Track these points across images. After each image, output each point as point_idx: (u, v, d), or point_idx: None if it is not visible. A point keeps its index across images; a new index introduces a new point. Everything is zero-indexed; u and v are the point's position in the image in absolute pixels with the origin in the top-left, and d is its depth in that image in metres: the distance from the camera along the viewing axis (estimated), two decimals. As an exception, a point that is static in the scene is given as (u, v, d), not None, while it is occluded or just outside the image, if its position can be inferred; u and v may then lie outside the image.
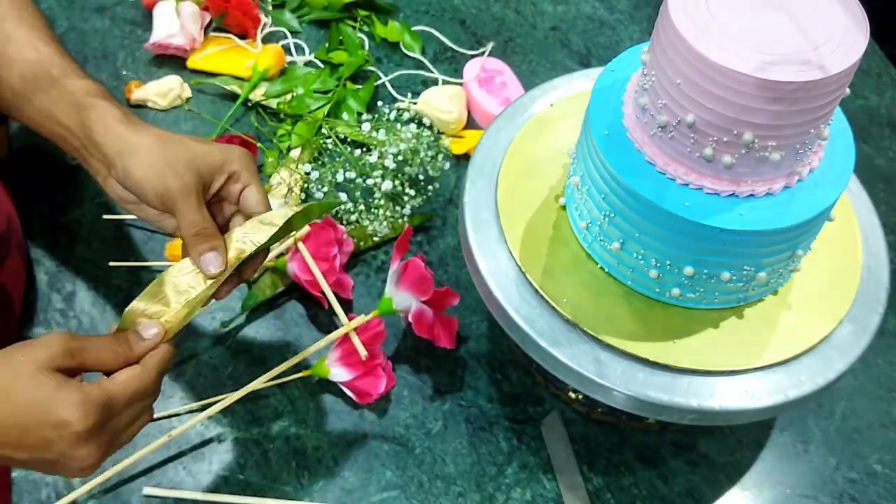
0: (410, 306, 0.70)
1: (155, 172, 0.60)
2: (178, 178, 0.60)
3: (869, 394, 0.77)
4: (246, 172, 0.63)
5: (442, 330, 0.72)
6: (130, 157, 0.61)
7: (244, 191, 0.63)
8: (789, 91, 0.50)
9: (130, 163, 0.61)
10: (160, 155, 0.61)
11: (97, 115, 0.63)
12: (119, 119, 0.63)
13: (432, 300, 0.70)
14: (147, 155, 0.60)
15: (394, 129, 0.85)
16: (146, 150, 0.61)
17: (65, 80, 0.65)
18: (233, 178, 0.63)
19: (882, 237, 0.67)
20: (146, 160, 0.60)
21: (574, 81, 0.75)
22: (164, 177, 0.60)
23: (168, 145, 0.61)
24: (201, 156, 0.62)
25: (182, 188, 0.60)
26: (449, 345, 0.72)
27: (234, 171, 0.63)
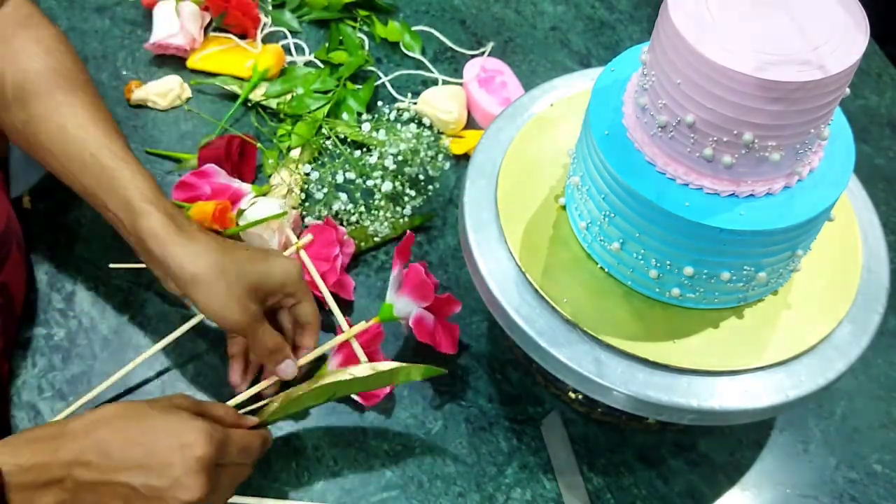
0: (411, 312, 0.70)
1: (222, 307, 0.64)
2: (244, 313, 0.64)
3: (869, 394, 0.77)
4: (301, 291, 0.69)
5: (443, 336, 0.72)
6: (193, 288, 0.64)
7: (297, 306, 0.70)
8: (789, 91, 0.50)
9: (193, 293, 0.64)
10: (223, 287, 0.64)
11: (150, 227, 0.64)
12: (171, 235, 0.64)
13: (433, 306, 0.70)
14: (210, 288, 0.64)
15: (394, 129, 0.85)
16: (208, 284, 0.64)
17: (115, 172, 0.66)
18: (288, 295, 0.69)
19: (882, 237, 0.67)
20: (210, 293, 0.64)
21: (574, 81, 0.75)
22: (231, 311, 0.64)
23: (228, 275, 0.64)
24: (259, 281, 0.66)
25: (250, 321, 0.65)
26: (451, 350, 0.72)
27: (289, 291, 0.69)
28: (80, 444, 0.54)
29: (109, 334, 0.76)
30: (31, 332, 0.76)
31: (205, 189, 0.80)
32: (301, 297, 0.69)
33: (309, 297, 0.70)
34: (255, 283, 0.65)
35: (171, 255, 0.64)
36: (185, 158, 0.88)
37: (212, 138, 0.86)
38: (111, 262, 0.79)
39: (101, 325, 0.77)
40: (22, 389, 0.73)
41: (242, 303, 0.64)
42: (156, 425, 0.56)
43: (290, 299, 0.69)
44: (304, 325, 0.70)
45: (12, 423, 0.71)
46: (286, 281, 0.68)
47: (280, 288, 0.68)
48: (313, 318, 0.70)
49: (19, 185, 0.83)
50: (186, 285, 0.64)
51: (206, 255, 0.64)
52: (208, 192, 0.80)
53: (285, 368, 0.68)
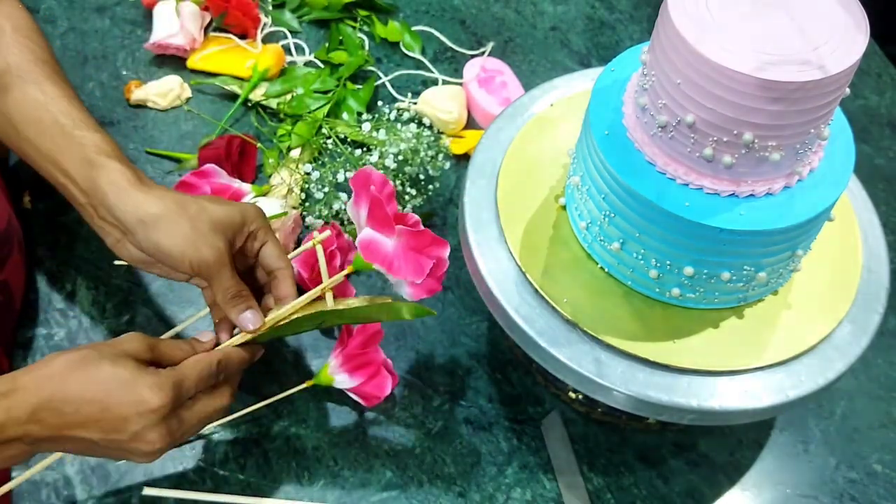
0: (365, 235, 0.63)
1: (187, 243, 0.62)
2: (211, 249, 0.62)
3: (869, 394, 0.77)
4: (263, 230, 0.66)
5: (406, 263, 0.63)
6: (155, 228, 0.62)
7: (263, 247, 0.66)
8: (789, 91, 0.50)
9: (156, 233, 0.62)
10: (187, 225, 0.62)
11: (109, 178, 0.63)
12: (133, 184, 0.63)
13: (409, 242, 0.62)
14: (173, 226, 0.62)
15: (394, 129, 0.85)
16: (171, 221, 0.62)
17: (73, 130, 0.65)
18: (251, 236, 0.66)
19: (882, 237, 0.67)
20: (175, 231, 0.62)
21: (574, 81, 0.75)
22: (197, 248, 0.62)
23: (191, 213, 0.62)
24: (224, 219, 0.64)
25: (218, 258, 0.62)
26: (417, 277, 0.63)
27: (252, 230, 0.66)
28: (31, 401, 0.54)
29: (109, 334, 0.76)
30: (31, 332, 0.76)
31: (205, 189, 0.80)
32: (266, 236, 0.66)
33: (273, 238, 0.67)
34: (217, 219, 0.63)
35: (132, 201, 0.62)
36: (185, 158, 0.88)
37: (212, 138, 0.86)
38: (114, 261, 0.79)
39: (101, 325, 0.77)
40: (22, 389, 0.73)
41: (209, 239, 0.62)
42: (107, 379, 0.55)
43: (254, 241, 0.66)
44: (275, 270, 0.66)
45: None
46: (247, 218, 0.65)
47: (241, 225, 0.65)
48: (282, 261, 0.66)
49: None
50: (149, 229, 0.62)
51: (167, 196, 0.63)
52: (208, 192, 0.80)
53: (247, 318, 0.63)
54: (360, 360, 0.71)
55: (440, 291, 0.66)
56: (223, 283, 0.63)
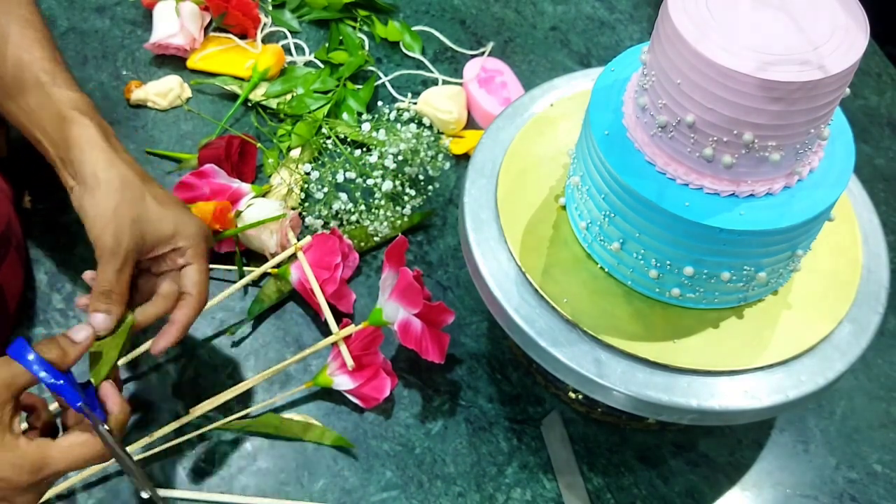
0: (399, 317, 0.69)
1: (100, 220, 0.60)
2: (113, 238, 0.60)
3: (869, 394, 0.77)
4: (192, 251, 0.64)
5: (431, 344, 0.70)
6: (90, 192, 0.61)
7: (185, 267, 0.64)
8: (789, 91, 0.50)
9: (88, 197, 0.61)
10: (112, 204, 0.61)
11: (79, 132, 0.63)
12: (97, 142, 0.62)
13: (424, 314, 0.68)
14: (102, 199, 0.61)
15: (394, 129, 0.85)
16: (104, 192, 0.61)
17: (52, 87, 0.65)
18: (177, 251, 0.64)
19: (882, 237, 0.67)
20: (99, 205, 0.61)
21: (574, 81, 0.75)
22: (104, 228, 0.60)
23: (126, 197, 0.61)
24: (152, 221, 0.62)
25: (113, 248, 0.60)
26: (438, 359, 0.70)
27: (179, 246, 0.63)
28: None
29: (109, 334, 0.76)
30: (31, 333, 0.76)
31: (204, 189, 0.80)
32: (193, 258, 0.64)
33: (200, 264, 0.64)
34: (148, 216, 0.62)
35: (89, 158, 0.62)
36: (185, 158, 0.88)
37: (212, 138, 0.86)
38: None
39: (101, 325, 0.77)
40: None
41: (119, 228, 0.60)
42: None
43: (178, 257, 0.64)
44: (184, 294, 0.64)
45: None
46: (180, 232, 0.63)
47: (170, 238, 0.63)
48: (195, 289, 0.64)
49: None
50: (86, 189, 0.61)
51: (121, 168, 0.62)
52: (207, 192, 0.80)
53: (95, 318, 0.60)
54: (359, 362, 0.71)
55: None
56: (105, 272, 0.60)
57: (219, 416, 0.72)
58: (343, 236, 0.78)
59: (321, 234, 0.78)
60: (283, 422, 0.71)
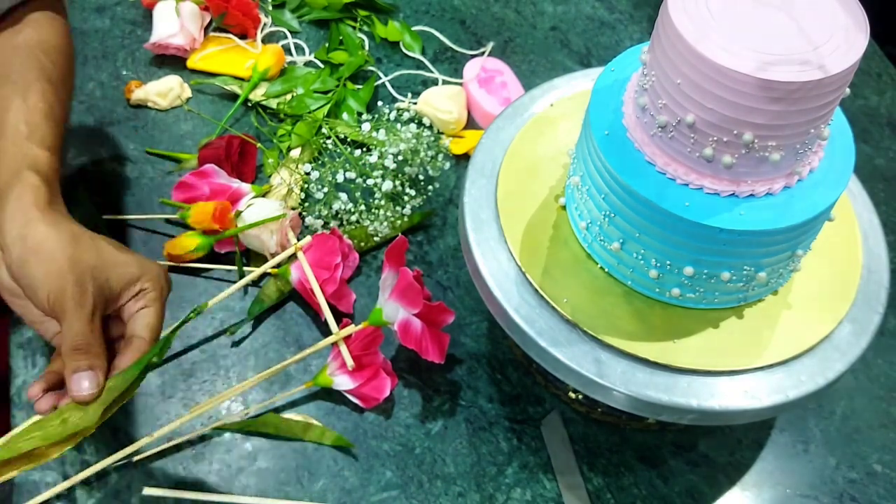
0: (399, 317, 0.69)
1: (55, 273, 0.55)
2: (77, 286, 0.55)
3: (869, 394, 0.77)
4: (153, 294, 0.59)
5: (431, 344, 0.70)
6: (34, 251, 0.56)
7: (141, 310, 0.59)
8: (789, 91, 0.50)
9: (32, 256, 0.56)
10: (67, 256, 0.55)
11: (20, 191, 0.58)
12: (38, 203, 0.58)
13: (424, 314, 0.68)
14: (54, 252, 0.55)
15: (394, 129, 0.85)
16: (53, 247, 0.56)
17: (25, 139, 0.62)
18: (138, 294, 0.59)
19: (882, 237, 0.67)
20: (50, 258, 0.55)
21: (574, 81, 0.75)
22: (63, 280, 0.55)
23: (81, 248, 0.56)
24: (113, 266, 0.57)
25: (78, 295, 0.55)
26: (438, 359, 0.70)
27: (142, 287, 0.59)
28: None
29: (109, 334, 0.76)
30: (32, 332, 0.76)
31: (204, 189, 0.80)
32: (151, 302, 0.58)
33: (160, 309, 0.59)
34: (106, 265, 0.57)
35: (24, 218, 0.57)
36: (185, 158, 0.88)
37: (212, 138, 0.86)
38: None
39: (101, 325, 0.77)
40: (22, 389, 0.73)
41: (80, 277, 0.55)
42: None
43: (137, 301, 0.59)
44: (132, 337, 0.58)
45: (12, 423, 0.71)
46: (145, 274, 0.58)
47: (136, 279, 0.58)
48: (150, 334, 0.58)
49: None
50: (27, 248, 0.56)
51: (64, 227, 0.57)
52: (207, 192, 0.80)
53: (80, 379, 0.54)
54: (359, 362, 0.71)
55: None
56: (73, 325, 0.54)
57: (219, 416, 0.72)
58: (343, 236, 0.78)
59: (321, 234, 0.78)
60: (283, 422, 0.71)
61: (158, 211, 0.84)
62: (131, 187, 0.86)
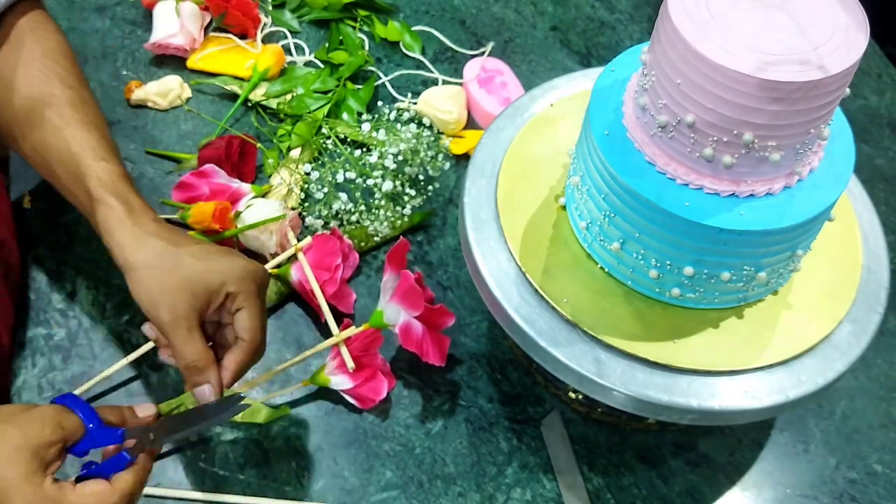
0: (400, 320, 0.69)
1: (149, 299, 0.60)
2: (169, 311, 0.59)
3: (869, 394, 0.77)
4: (242, 295, 0.62)
5: (432, 346, 0.70)
6: (129, 277, 0.61)
7: (237, 312, 0.62)
8: (789, 91, 0.50)
9: (130, 282, 0.61)
10: (156, 279, 0.60)
11: (103, 216, 0.63)
12: (121, 223, 0.62)
13: (425, 317, 0.68)
14: (142, 278, 0.60)
15: (394, 129, 0.85)
16: (142, 272, 0.61)
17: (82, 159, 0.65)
18: (229, 298, 0.62)
19: (882, 237, 0.67)
20: (142, 284, 0.60)
21: (574, 81, 0.75)
22: (157, 305, 0.60)
23: (165, 267, 0.60)
24: (198, 279, 0.61)
25: (172, 322, 0.59)
26: (438, 362, 0.70)
27: (230, 292, 0.62)
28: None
29: (109, 334, 0.76)
30: (31, 332, 0.76)
31: (204, 189, 0.80)
32: (244, 302, 0.62)
33: (251, 306, 0.62)
34: (191, 277, 0.60)
35: (116, 242, 0.62)
36: (185, 158, 0.88)
37: (212, 138, 0.86)
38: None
39: (101, 325, 0.77)
40: (22, 389, 0.73)
41: (169, 298, 0.59)
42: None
43: (231, 304, 0.62)
44: (238, 338, 0.62)
45: (12, 423, 0.71)
46: (227, 279, 0.61)
47: (220, 288, 0.61)
48: (248, 334, 0.61)
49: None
50: (125, 272, 0.62)
51: (150, 243, 0.61)
52: (207, 192, 0.80)
53: (200, 393, 0.60)
54: (358, 363, 0.71)
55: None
56: (178, 346, 0.60)
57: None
58: (343, 237, 0.78)
59: (321, 234, 0.78)
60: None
61: (158, 211, 0.83)
62: (131, 187, 0.86)
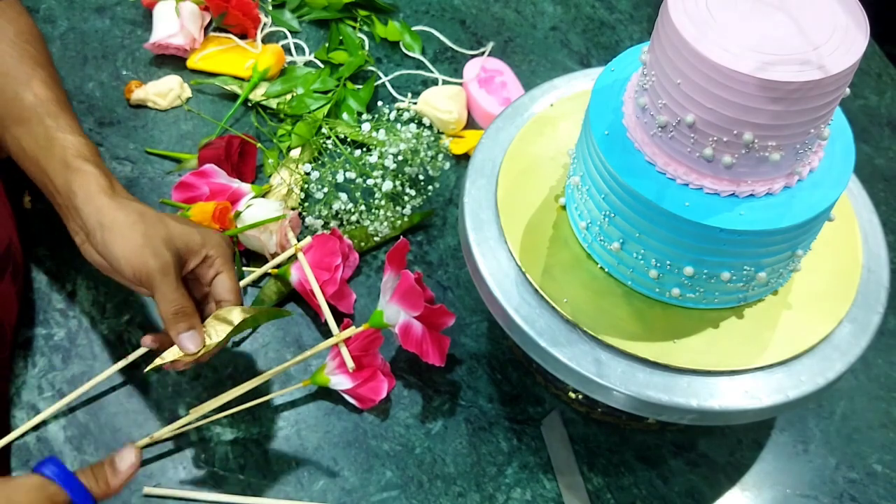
0: (400, 320, 0.69)
1: (134, 250, 0.63)
2: (157, 258, 0.62)
3: (869, 394, 0.77)
4: (220, 259, 0.66)
5: (432, 347, 0.70)
6: (110, 232, 0.63)
7: (216, 277, 0.66)
8: (789, 91, 0.50)
9: (110, 237, 0.63)
10: (140, 232, 0.63)
11: (82, 181, 0.65)
12: (103, 189, 0.65)
13: (425, 317, 0.68)
14: (127, 231, 0.63)
15: (394, 129, 0.85)
16: (126, 227, 0.63)
17: (57, 132, 0.67)
18: (206, 261, 0.66)
19: (882, 237, 0.67)
20: (126, 236, 0.63)
21: (574, 81, 0.75)
22: (142, 255, 0.62)
23: (148, 223, 0.64)
24: (180, 236, 0.65)
25: (161, 267, 0.63)
26: (438, 362, 0.70)
27: (209, 255, 0.66)
28: None
29: (109, 334, 0.76)
30: (31, 332, 0.76)
31: (204, 189, 0.80)
32: (222, 266, 0.67)
33: (229, 270, 0.67)
34: (173, 235, 0.64)
35: (96, 205, 0.64)
36: (185, 158, 0.88)
37: (212, 138, 0.86)
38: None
39: (101, 325, 0.77)
40: (22, 389, 0.73)
41: (157, 249, 0.63)
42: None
43: (209, 268, 0.66)
44: (220, 300, 0.67)
45: (12, 423, 0.71)
46: (208, 242, 0.66)
47: (199, 248, 0.65)
48: (230, 294, 0.66)
49: None
50: (105, 232, 0.63)
51: (131, 206, 0.64)
52: (207, 192, 0.80)
53: (186, 339, 0.63)
54: (358, 363, 0.71)
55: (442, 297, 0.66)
56: (166, 294, 0.63)
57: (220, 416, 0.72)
58: (343, 237, 0.78)
59: (322, 234, 0.78)
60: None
61: (158, 211, 0.84)
62: (131, 187, 0.86)
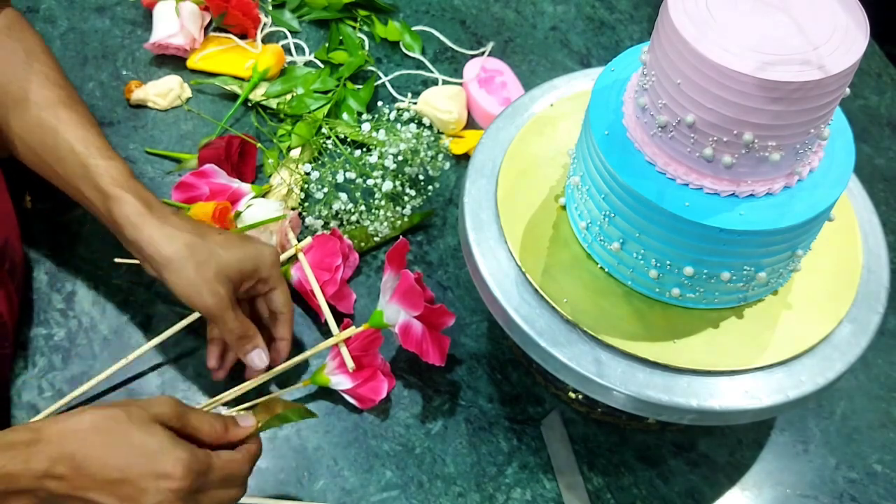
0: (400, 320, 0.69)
1: (188, 287, 0.65)
2: (213, 296, 0.65)
3: (869, 394, 0.77)
4: (273, 277, 0.70)
5: (432, 346, 0.70)
6: (164, 269, 0.66)
7: (270, 292, 0.71)
8: (789, 91, 0.50)
9: (164, 274, 0.66)
10: (192, 269, 0.65)
11: (122, 211, 0.66)
12: (144, 217, 0.66)
13: (425, 317, 0.68)
14: (179, 268, 0.65)
15: (394, 129, 0.85)
16: (177, 263, 0.65)
17: (89, 159, 0.68)
18: (262, 281, 0.70)
19: (882, 237, 0.67)
20: (180, 274, 0.65)
21: (574, 81, 0.75)
22: (199, 293, 0.65)
23: (198, 257, 0.65)
24: (232, 265, 0.67)
25: (218, 304, 0.65)
26: (438, 362, 0.70)
27: (264, 276, 0.69)
28: (52, 454, 0.51)
29: (109, 334, 0.76)
30: (31, 332, 0.76)
31: (204, 189, 0.80)
32: (274, 283, 0.70)
33: (282, 286, 0.71)
34: (225, 265, 0.66)
35: (145, 238, 0.66)
36: (185, 158, 0.88)
37: (212, 138, 0.86)
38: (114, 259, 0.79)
39: (101, 325, 0.77)
40: (22, 389, 0.73)
41: (211, 285, 0.65)
42: (133, 445, 0.53)
43: (263, 286, 0.70)
44: (277, 314, 0.71)
45: (12, 423, 0.71)
46: (259, 266, 0.68)
47: (253, 273, 0.68)
48: (286, 308, 0.71)
49: None
50: (159, 268, 0.66)
51: (180, 237, 0.66)
52: (207, 192, 0.80)
53: (253, 358, 0.68)
54: (358, 363, 0.71)
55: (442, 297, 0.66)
56: (227, 325, 0.66)
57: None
58: (343, 237, 0.78)
59: (322, 234, 0.78)
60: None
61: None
62: (131, 187, 0.86)
